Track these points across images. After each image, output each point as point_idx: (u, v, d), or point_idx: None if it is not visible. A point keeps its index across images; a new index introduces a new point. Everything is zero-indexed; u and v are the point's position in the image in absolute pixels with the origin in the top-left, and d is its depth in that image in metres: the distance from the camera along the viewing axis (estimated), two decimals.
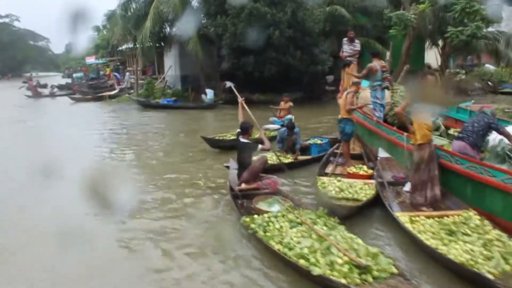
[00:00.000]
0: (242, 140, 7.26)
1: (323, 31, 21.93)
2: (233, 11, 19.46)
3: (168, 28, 24.34)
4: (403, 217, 5.76)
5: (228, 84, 22.96)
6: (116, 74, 31.96)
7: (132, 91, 28.42)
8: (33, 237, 6.01)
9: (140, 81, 31.56)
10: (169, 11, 21.24)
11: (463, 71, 26.51)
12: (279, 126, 13.11)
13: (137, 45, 25.21)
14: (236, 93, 9.41)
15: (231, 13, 19.63)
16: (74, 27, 11.74)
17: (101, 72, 43.87)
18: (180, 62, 25.56)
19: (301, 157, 9.81)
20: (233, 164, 7.94)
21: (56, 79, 54.48)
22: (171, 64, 26.91)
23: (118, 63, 41.86)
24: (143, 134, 14.82)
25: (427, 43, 23.63)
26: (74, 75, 55.19)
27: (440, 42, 21.23)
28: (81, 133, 15.17)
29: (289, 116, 13.66)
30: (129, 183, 8.59)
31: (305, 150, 10.18)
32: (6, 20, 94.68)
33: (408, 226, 5.51)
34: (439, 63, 21.65)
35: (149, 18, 21.36)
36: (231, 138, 11.89)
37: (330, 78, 25.65)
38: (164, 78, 27.70)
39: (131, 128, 16.20)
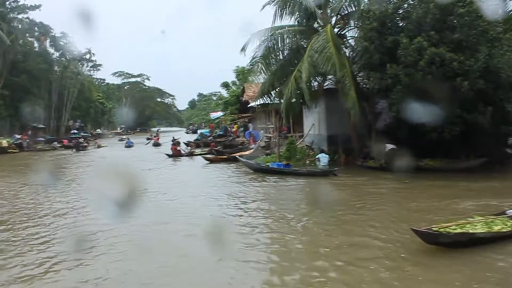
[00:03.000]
0: None
1: None
2: (408, 58, 15.84)
3: (314, 82, 21.37)
4: None
5: (389, 146, 19.46)
6: (253, 132, 29.56)
7: (268, 151, 25.73)
8: None
9: (274, 140, 29.06)
10: (322, 62, 18.25)
11: None
12: None
13: (276, 100, 22.87)
14: None
15: (404, 61, 16.03)
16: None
17: (228, 129, 42.68)
18: (327, 120, 22.29)
19: None
20: None
21: (180, 134, 54.56)
22: (313, 122, 23.81)
23: (247, 120, 40.18)
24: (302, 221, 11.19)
25: None
26: (199, 131, 55.22)
27: None
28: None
29: None
30: None
31: None
32: (138, 79, 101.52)
33: None
34: None
35: (304, 69, 18.52)
36: (457, 231, 8.11)
37: None
38: (303, 137, 24.74)
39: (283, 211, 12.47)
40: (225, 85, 50.70)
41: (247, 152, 24.93)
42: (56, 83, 56.87)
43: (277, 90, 21.93)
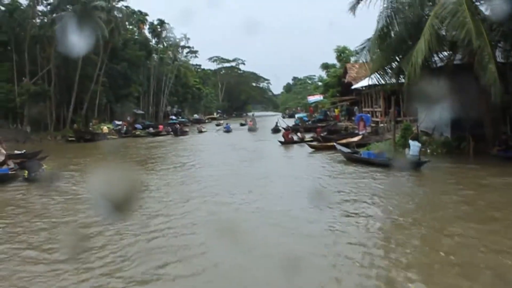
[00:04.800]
0: None
1: None
2: None
3: (436, 55, 18.05)
4: None
5: None
6: (364, 116, 26.59)
7: (377, 137, 22.91)
8: None
9: (382, 125, 26.20)
10: (453, 29, 15.13)
11: None
12: None
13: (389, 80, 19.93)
14: None
15: None
16: None
17: (328, 113, 40.16)
18: (451, 102, 18.95)
19: None
20: None
21: (275, 119, 52.58)
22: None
23: (348, 103, 37.19)
24: None
25: None
26: (296, 115, 53.02)
27: None
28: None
29: None
30: None
31: None
32: (233, 64, 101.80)
33: None
34: None
35: (423, 40, 15.51)
36: None
37: None
38: (420, 122, 21.51)
39: None
40: (325, 66, 48.22)
41: (355, 139, 22.13)
42: (154, 70, 57.71)
43: (393, 67, 18.96)
